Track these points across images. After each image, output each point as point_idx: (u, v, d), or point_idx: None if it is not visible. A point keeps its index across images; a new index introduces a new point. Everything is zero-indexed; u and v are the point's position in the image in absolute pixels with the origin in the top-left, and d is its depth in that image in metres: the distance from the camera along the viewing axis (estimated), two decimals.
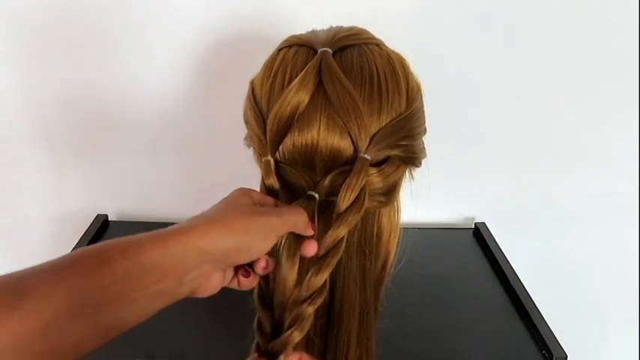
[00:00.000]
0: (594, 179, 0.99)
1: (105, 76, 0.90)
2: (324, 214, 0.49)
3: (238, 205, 0.45)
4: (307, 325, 0.46)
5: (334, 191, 0.47)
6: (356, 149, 0.46)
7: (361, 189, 0.46)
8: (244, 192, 0.47)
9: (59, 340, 0.36)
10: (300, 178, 0.49)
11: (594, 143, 0.96)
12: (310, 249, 0.47)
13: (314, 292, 0.46)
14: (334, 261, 0.47)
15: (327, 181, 0.48)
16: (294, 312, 0.46)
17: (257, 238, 0.43)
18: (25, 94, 0.92)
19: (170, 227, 0.41)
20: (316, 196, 0.48)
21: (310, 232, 0.47)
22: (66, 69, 0.90)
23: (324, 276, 0.46)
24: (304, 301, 0.46)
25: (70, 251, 0.42)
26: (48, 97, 0.92)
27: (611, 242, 1.03)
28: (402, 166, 0.51)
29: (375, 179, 0.48)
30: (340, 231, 0.46)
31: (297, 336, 0.45)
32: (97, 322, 0.38)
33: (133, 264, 0.38)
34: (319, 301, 0.46)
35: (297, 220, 0.46)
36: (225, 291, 0.52)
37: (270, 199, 0.48)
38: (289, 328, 0.45)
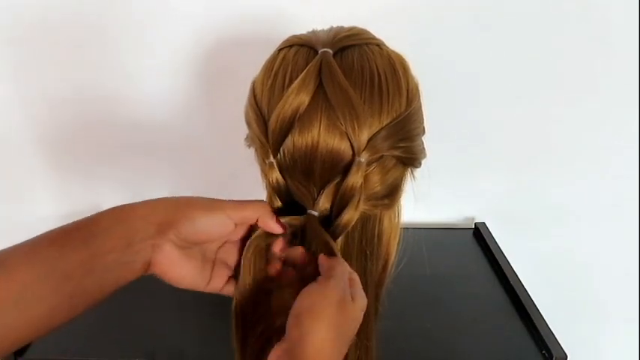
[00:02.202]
0: (594, 179, 0.99)
1: (105, 76, 0.90)
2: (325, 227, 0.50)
3: (200, 198, 0.49)
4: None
5: (332, 206, 0.48)
6: (354, 152, 0.46)
7: (356, 191, 0.47)
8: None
9: (29, 308, 0.40)
10: (298, 193, 0.49)
11: (594, 143, 0.96)
12: (276, 247, 0.50)
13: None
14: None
15: (324, 196, 0.48)
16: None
17: (201, 212, 0.47)
18: (25, 94, 0.92)
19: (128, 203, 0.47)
20: (315, 213, 0.49)
21: (275, 230, 0.49)
22: (66, 69, 0.90)
23: None
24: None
25: None
26: (48, 97, 0.92)
27: (611, 242, 1.03)
28: (399, 166, 0.51)
29: (374, 178, 0.48)
30: (340, 230, 0.48)
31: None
32: (62, 290, 0.42)
33: (88, 234, 0.44)
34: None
35: (255, 208, 0.49)
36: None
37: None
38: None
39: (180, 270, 0.48)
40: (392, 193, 0.51)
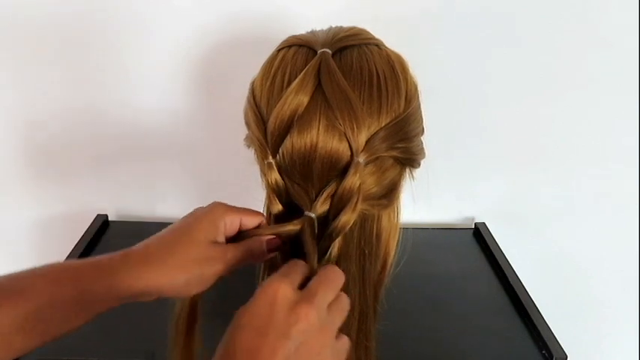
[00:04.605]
0: (595, 179, 0.99)
1: (105, 77, 0.90)
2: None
3: (193, 244, 0.47)
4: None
5: (329, 208, 0.48)
6: (352, 153, 0.46)
7: (354, 193, 0.47)
8: (212, 219, 0.49)
9: (6, 348, 0.42)
10: (296, 195, 0.49)
11: (595, 143, 0.96)
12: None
13: None
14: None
15: (322, 198, 0.48)
16: None
17: (197, 287, 0.47)
18: (25, 94, 0.92)
19: (124, 256, 0.46)
20: (313, 215, 0.48)
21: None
22: (66, 69, 0.90)
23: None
24: None
25: (69, 252, 0.45)
26: (47, 96, 0.92)
27: (612, 242, 1.03)
28: (397, 166, 0.51)
29: (371, 179, 0.48)
30: (338, 232, 0.48)
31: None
32: (43, 336, 0.43)
33: (83, 294, 0.44)
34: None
35: (241, 259, 0.48)
36: (225, 291, 0.52)
37: (237, 225, 0.50)
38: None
39: (177, 295, 0.49)
40: (390, 193, 0.51)
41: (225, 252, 0.48)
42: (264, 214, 0.53)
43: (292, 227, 0.48)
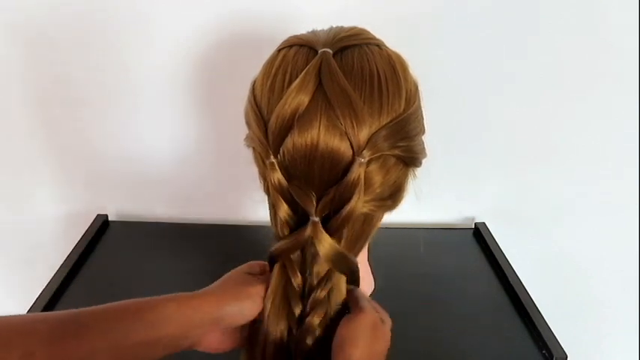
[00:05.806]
0: (594, 179, 0.99)
1: (105, 77, 0.90)
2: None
3: (235, 276, 0.54)
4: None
5: (333, 208, 0.49)
6: (354, 152, 0.46)
7: (358, 184, 0.47)
8: (246, 265, 0.56)
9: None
10: (298, 195, 0.49)
11: (595, 143, 0.96)
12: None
13: (321, 281, 0.51)
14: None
15: (324, 201, 0.49)
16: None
17: (248, 303, 0.51)
18: (26, 94, 0.92)
19: (184, 293, 0.51)
20: (317, 220, 0.49)
21: None
22: (66, 69, 0.90)
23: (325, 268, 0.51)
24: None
25: (70, 251, 0.45)
26: (48, 97, 0.92)
27: (612, 242, 1.03)
28: (401, 166, 0.51)
29: (375, 178, 0.49)
30: (340, 225, 0.49)
31: (316, 320, 0.51)
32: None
33: (145, 324, 0.47)
34: (328, 287, 0.51)
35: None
36: None
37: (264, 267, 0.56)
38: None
39: (219, 347, 0.53)
40: (395, 194, 0.51)
41: (260, 278, 0.54)
42: (271, 215, 0.54)
43: (304, 236, 0.50)
